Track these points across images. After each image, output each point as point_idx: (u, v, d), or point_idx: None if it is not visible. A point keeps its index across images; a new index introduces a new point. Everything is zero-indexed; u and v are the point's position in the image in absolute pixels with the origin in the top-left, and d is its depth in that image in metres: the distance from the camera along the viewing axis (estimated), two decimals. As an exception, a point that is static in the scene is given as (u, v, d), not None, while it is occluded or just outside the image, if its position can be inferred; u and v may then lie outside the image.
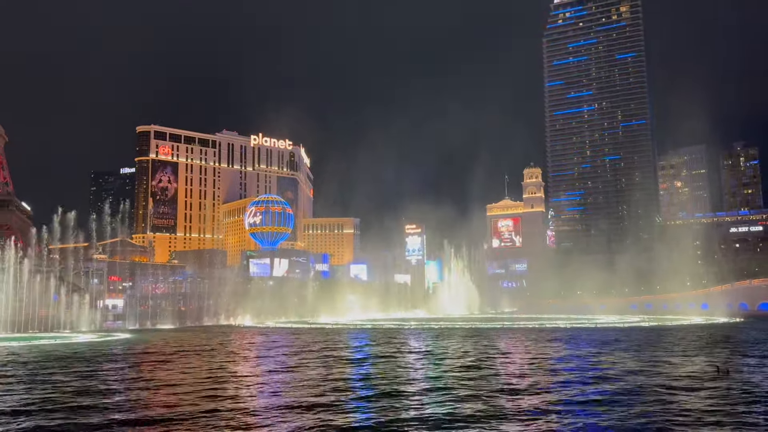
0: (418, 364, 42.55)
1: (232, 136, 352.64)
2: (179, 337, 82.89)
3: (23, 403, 28.36)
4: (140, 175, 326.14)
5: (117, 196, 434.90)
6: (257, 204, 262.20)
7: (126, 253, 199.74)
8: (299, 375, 37.42)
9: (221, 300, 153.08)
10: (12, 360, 50.28)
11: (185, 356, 51.55)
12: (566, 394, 28.27)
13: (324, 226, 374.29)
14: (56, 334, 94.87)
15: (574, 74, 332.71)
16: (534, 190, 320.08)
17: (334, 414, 24.33)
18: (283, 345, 64.13)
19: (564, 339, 65.40)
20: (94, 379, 36.64)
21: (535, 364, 41.62)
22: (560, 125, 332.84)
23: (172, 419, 23.74)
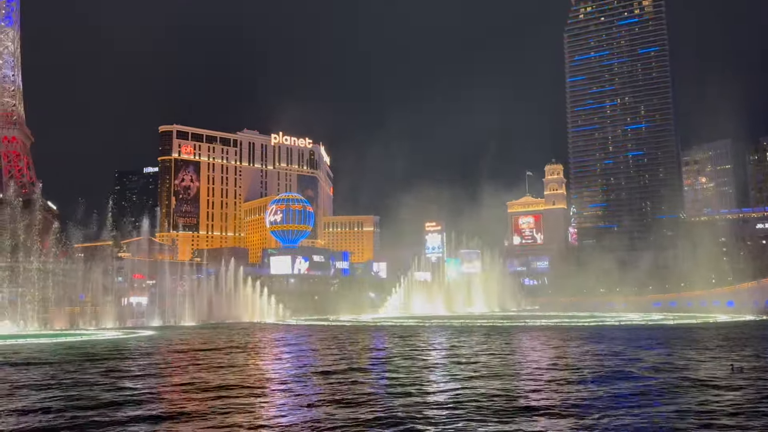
0: (441, 364, 42.64)
1: (253, 135, 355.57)
2: (204, 333, 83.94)
3: (50, 398, 29.04)
4: (163, 174, 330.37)
5: (141, 195, 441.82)
6: (278, 202, 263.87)
7: (150, 251, 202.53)
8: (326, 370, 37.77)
9: (243, 297, 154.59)
10: (40, 356, 51.45)
11: (220, 352, 52.28)
12: (598, 392, 27.90)
13: (344, 224, 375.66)
14: (82, 330, 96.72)
15: (596, 69, 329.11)
16: (555, 186, 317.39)
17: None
18: (310, 341, 64.63)
19: (588, 337, 64.94)
20: (121, 375, 37.37)
21: (563, 361, 41.44)
22: (582, 121, 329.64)
23: (203, 414, 24.14)
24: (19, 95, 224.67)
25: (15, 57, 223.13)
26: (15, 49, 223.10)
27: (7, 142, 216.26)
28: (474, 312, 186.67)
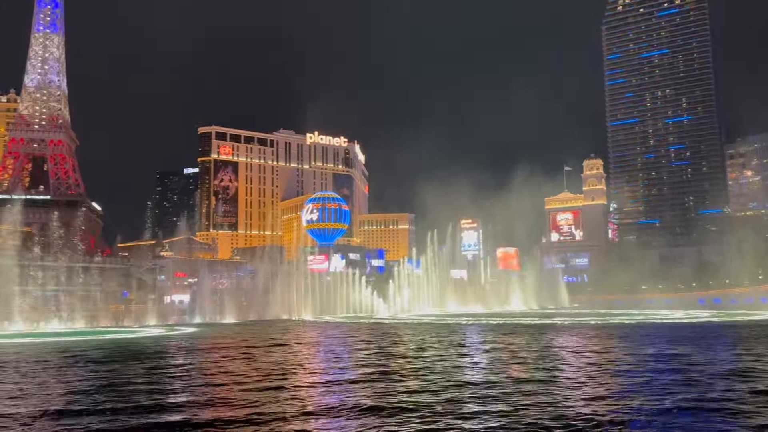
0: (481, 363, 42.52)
1: (289, 135, 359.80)
2: (245, 330, 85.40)
3: (93, 398, 29.98)
4: (203, 174, 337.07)
5: (181, 196, 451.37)
6: (314, 201, 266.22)
7: (191, 250, 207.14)
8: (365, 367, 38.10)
9: (281, 295, 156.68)
10: (87, 354, 53.17)
11: (264, 348, 53.24)
12: (653, 399, 25.06)
13: (379, 222, 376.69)
14: (126, 328, 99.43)
15: (635, 62, 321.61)
16: (595, 182, 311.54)
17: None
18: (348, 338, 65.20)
19: (633, 335, 63.75)
20: (164, 372, 38.40)
21: (610, 361, 40.88)
22: (621, 114, 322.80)
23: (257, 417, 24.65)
24: (64, 99, 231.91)
25: (60, 62, 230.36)
26: (60, 55, 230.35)
27: (54, 146, 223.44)
28: (513, 310, 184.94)
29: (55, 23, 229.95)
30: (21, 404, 26.36)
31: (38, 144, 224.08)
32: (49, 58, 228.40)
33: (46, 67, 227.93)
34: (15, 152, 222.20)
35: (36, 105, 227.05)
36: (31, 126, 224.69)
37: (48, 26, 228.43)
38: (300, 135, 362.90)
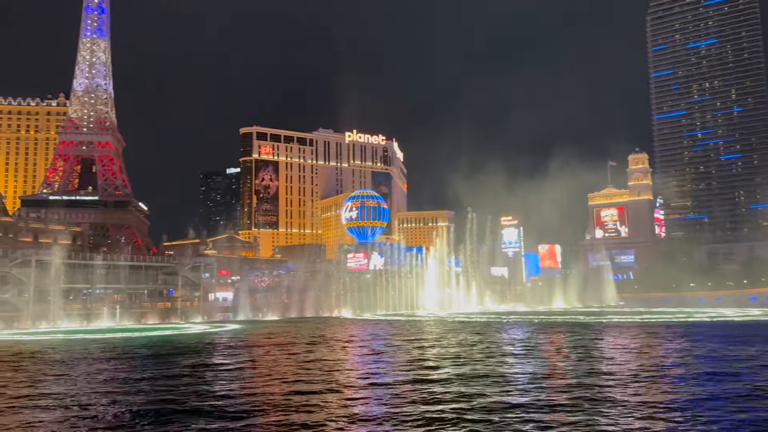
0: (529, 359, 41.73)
1: (328, 134, 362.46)
2: (286, 327, 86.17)
3: (140, 394, 30.47)
4: (244, 174, 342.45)
5: (224, 195, 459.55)
6: (353, 199, 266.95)
7: (233, 249, 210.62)
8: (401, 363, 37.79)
9: (321, 293, 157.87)
10: (136, 350, 54.36)
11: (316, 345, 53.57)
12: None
13: (418, 220, 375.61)
14: (173, 324, 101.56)
15: (681, 53, 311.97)
16: (640, 176, 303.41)
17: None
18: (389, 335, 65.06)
19: (683, 334, 61.76)
20: (209, 369, 38.87)
21: (661, 360, 39.64)
22: (668, 107, 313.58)
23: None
24: (110, 102, 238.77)
25: (106, 66, 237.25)
26: (106, 59, 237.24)
27: (101, 147, 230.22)
28: (556, 308, 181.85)
29: (102, 28, 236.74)
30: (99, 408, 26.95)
31: (87, 146, 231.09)
32: (96, 62, 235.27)
33: (94, 71, 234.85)
34: (65, 154, 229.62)
35: (84, 108, 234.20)
36: (80, 129, 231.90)
37: (95, 31, 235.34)
38: (339, 134, 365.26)
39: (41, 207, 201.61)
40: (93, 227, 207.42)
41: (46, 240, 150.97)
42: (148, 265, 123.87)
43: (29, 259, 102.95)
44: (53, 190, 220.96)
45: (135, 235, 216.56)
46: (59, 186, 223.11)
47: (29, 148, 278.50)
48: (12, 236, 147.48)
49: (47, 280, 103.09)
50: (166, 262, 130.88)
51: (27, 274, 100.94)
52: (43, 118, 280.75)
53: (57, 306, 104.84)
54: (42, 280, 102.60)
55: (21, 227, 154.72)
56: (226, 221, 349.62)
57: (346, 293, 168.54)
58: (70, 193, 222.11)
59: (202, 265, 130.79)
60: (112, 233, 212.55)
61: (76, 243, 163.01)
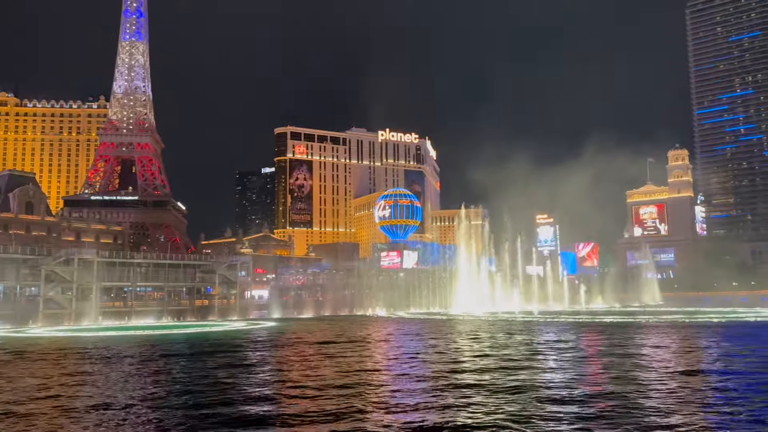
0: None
1: (361, 133, 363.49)
2: (321, 325, 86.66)
3: (179, 391, 30.86)
4: (279, 174, 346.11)
5: (260, 195, 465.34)
6: (386, 198, 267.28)
7: (269, 247, 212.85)
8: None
9: (355, 291, 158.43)
10: (177, 348, 55.32)
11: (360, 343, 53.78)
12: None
13: (451, 218, 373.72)
14: (211, 322, 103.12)
15: (723, 46, 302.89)
16: (680, 173, 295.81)
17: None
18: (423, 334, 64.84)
19: (728, 335, 59.93)
20: (246, 364, 39.27)
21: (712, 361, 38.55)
22: (709, 102, 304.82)
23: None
24: (149, 104, 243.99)
25: (145, 69, 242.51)
26: (145, 62, 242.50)
27: (141, 149, 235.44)
28: (594, 308, 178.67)
29: (140, 31, 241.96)
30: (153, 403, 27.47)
31: (126, 147, 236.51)
32: (134, 65, 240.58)
33: (133, 73, 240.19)
34: (105, 155, 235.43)
35: (124, 110, 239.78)
36: (120, 130, 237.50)
37: (133, 35, 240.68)
38: (371, 133, 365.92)
39: (83, 207, 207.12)
40: (133, 226, 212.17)
41: (88, 239, 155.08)
42: (186, 263, 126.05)
43: (72, 258, 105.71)
44: (94, 191, 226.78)
45: (174, 234, 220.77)
46: (100, 186, 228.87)
47: (71, 150, 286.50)
48: (55, 236, 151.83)
49: (89, 278, 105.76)
50: (203, 260, 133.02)
51: (70, 272, 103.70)
52: (84, 120, 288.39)
53: (98, 304, 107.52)
54: (84, 278, 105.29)
55: (64, 227, 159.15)
56: (262, 220, 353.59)
57: (379, 292, 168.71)
58: (110, 193, 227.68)
59: (238, 264, 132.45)
60: (151, 232, 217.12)
61: (116, 242, 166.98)
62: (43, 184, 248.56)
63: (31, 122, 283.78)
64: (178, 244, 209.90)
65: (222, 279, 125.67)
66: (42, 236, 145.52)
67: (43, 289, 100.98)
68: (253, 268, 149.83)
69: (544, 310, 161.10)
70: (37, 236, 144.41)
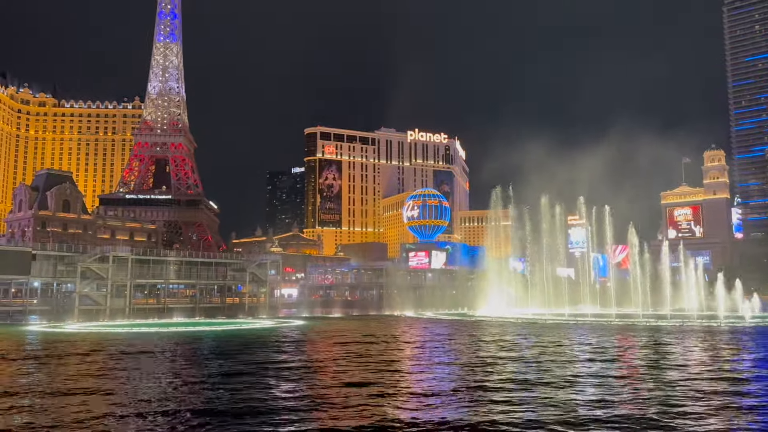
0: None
1: (390, 133, 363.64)
2: (352, 324, 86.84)
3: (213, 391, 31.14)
4: (309, 173, 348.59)
5: (290, 194, 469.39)
6: (414, 198, 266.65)
7: (298, 246, 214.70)
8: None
9: (383, 291, 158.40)
10: (210, 345, 55.94)
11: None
12: None
13: (481, 219, 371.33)
14: (241, 320, 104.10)
15: (761, 44, 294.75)
16: (716, 174, 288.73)
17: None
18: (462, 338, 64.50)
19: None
20: (276, 365, 39.50)
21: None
22: (747, 102, 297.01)
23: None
24: (183, 105, 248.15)
25: (179, 70, 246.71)
26: (179, 63, 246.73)
27: (174, 148, 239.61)
28: (628, 311, 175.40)
29: (174, 33, 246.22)
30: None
31: (160, 147, 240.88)
32: (168, 66, 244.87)
33: (167, 74, 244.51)
34: (140, 155, 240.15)
35: (158, 111, 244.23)
36: (154, 130, 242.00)
37: (167, 36, 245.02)
38: (401, 133, 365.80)
39: (118, 205, 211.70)
40: (166, 225, 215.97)
41: (123, 237, 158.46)
42: (218, 261, 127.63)
43: (107, 255, 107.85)
44: (129, 189, 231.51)
45: (206, 232, 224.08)
46: (135, 185, 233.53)
47: (107, 149, 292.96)
48: (91, 233, 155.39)
49: (123, 276, 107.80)
50: (234, 258, 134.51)
51: (105, 269, 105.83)
52: (119, 121, 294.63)
53: (132, 300, 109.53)
54: (119, 276, 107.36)
55: (99, 225, 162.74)
56: (291, 219, 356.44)
57: (407, 292, 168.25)
58: (144, 192, 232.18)
59: (268, 262, 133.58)
60: (184, 231, 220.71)
61: (150, 240, 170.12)
62: (80, 182, 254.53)
63: (68, 122, 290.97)
64: (210, 242, 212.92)
65: (252, 277, 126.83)
66: (78, 234, 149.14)
67: (78, 285, 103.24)
68: (282, 266, 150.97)
69: (578, 312, 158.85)
70: (74, 234, 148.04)
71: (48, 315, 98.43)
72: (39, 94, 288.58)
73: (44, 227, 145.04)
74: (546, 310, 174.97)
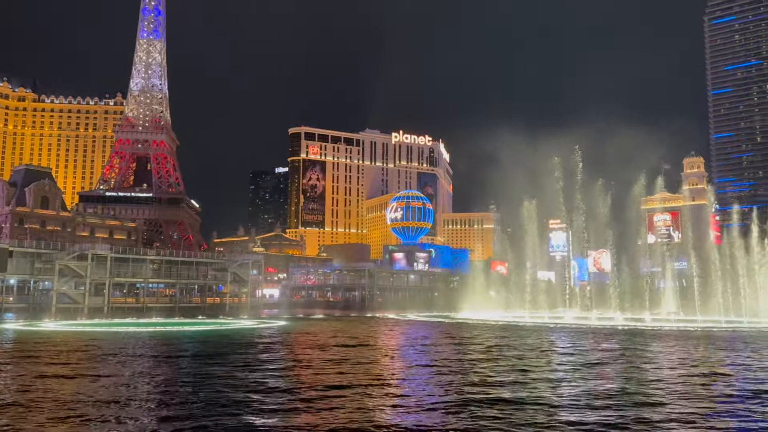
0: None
1: (374, 135, 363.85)
2: (333, 325, 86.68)
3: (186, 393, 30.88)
4: (292, 174, 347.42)
5: (273, 194, 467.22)
6: (398, 199, 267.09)
7: (281, 247, 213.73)
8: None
9: (366, 292, 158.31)
10: (188, 345, 55.51)
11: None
12: None
13: (463, 221, 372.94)
14: (221, 320, 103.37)
15: (740, 53, 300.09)
16: (696, 181, 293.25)
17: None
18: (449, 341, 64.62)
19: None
20: (253, 366, 39.27)
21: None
22: (725, 110, 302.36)
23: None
24: (165, 102, 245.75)
25: (162, 67, 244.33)
26: (162, 60, 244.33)
27: (156, 146, 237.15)
28: (607, 315, 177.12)
29: (158, 29, 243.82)
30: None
31: (142, 144, 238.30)
32: (152, 63, 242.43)
33: (150, 71, 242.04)
34: (121, 152, 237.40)
35: (140, 107, 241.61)
36: (136, 127, 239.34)
37: (151, 33, 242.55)
38: (385, 134, 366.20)
39: (98, 203, 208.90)
40: (147, 223, 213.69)
41: (102, 235, 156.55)
42: (198, 261, 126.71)
43: (86, 253, 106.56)
44: (109, 187, 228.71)
45: (187, 231, 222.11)
46: (115, 183, 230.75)
47: (87, 146, 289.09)
48: (70, 230, 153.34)
49: (102, 274, 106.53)
50: (215, 258, 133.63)
51: (83, 267, 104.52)
52: (101, 117, 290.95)
53: (111, 299, 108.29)
54: (97, 274, 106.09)
55: (78, 222, 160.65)
56: (274, 219, 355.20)
57: (390, 293, 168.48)
58: (125, 189, 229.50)
59: (250, 262, 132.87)
60: (165, 229, 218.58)
61: (130, 238, 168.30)
62: (59, 179, 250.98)
63: (48, 118, 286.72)
64: (191, 241, 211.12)
65: (233, 277, 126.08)
66: (57, 231, 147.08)
67: (56, 283, 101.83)
68: (264, 267, 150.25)
69: (556, 315, 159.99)
70: (52, 231, 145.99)
71: (24, 313, 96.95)
72: (18, 88, 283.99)
73: (22, 224, 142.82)
74: (526, 312, 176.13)
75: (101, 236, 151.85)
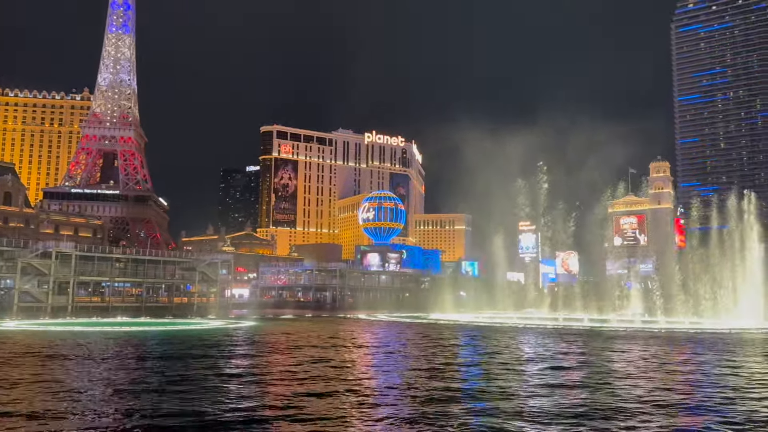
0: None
1: (347, 135, 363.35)
2: (303, 326, 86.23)
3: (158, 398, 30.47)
4: (264, 172, 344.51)
5: (244, 193, 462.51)
6: (370, 200, 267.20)
7: (251, 246, 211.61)
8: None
9: (337, 292, 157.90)
10: (153, 347, 54.64)
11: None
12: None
13: (435, 222, 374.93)
14: (188, 320, 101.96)
15: (706, 62, 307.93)
16: (661, 185, 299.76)
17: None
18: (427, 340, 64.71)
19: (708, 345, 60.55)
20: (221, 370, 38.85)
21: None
22: (691, 116, 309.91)
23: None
24: (134, 98, 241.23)
25: (131, 62, 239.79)
26: (131, 55, 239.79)
27: (124, 142, 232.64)
28: (576, 316, 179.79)
29: (127, 24, 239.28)
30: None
31: (109, 140, 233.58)
32: (120, 58, 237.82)
33: (118, 66, 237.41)
34: (88, 148, 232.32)
35: (108, 103, 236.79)
36: (103, 123, 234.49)
37: (120, 27, 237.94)
38: (358, 134, 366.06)
39: (63, 199, 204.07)
40: (113, 221, 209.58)
41: (67, 232, 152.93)
42: (166, 259, 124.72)
43: (50, 251, 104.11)
44: (75, 183, 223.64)
45: (154, 229, 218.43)
46: (81, 179, 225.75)
47: (53, 141, 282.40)
48: (33, 228, 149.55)
49: (67, 272, 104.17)
50: (184, 257, 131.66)
51: (47, 265, 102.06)
52: (67, 112, 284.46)
53: (75, 298, 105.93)
54: (62, 272, 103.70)
55: (42, 219, 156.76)
56: (245, 218, 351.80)
57: (362, 294, 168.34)
58: (91, 186, 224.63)
59: (219, 262, 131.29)
60: (131, 227, 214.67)
61: (96, 236, 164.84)
62: (23, 175, 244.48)
63: (12, 112, 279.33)
64: (159, 240, 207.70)
65: (202, 276, 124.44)
66: (20, 228, 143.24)
67: (18, 281, 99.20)
68: (234, 266, 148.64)
69: (526, 316, 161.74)
70: (15, 228, 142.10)
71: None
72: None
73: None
74: (495, 313, 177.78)
75: (66, 234, 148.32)
